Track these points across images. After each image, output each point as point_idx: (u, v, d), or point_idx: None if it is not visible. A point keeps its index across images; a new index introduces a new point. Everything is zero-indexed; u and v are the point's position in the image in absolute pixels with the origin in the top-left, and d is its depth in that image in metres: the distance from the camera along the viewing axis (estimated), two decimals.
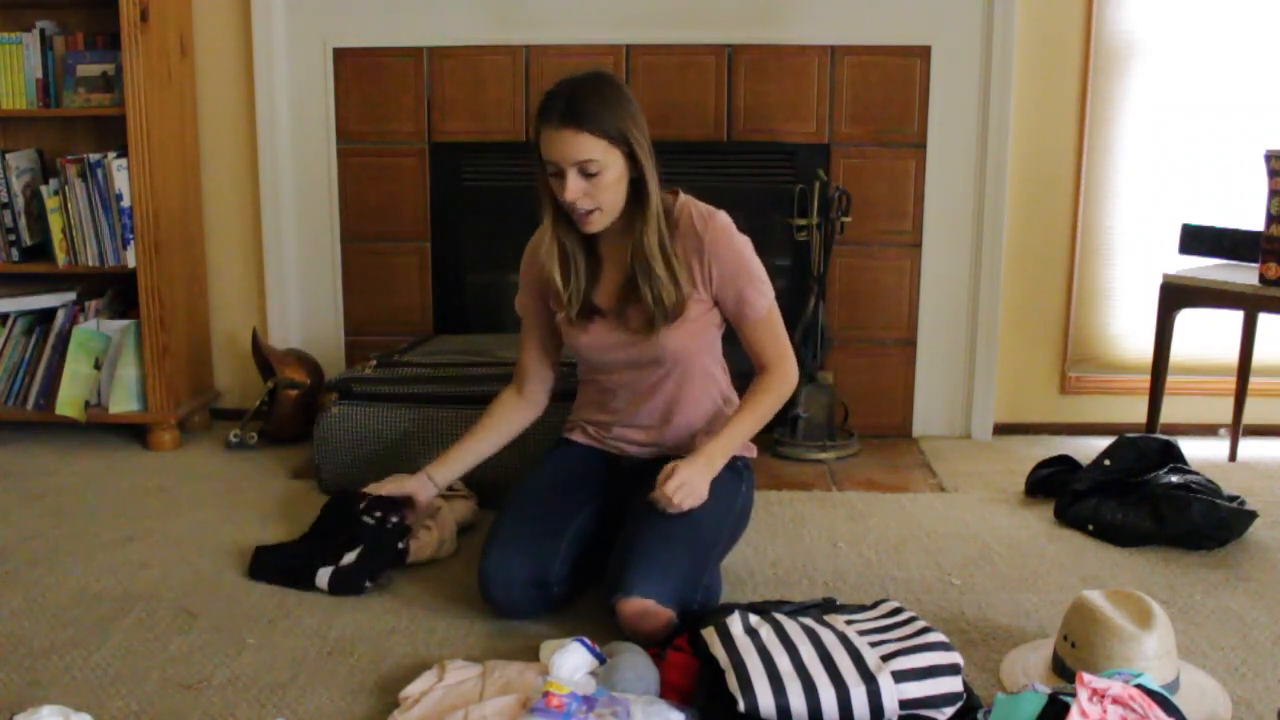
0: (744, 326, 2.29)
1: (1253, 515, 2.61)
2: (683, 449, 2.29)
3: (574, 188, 2.11)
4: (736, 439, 2.24)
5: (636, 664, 1.85)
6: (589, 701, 1.71)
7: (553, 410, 2.52)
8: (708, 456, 2.18)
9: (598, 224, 2.18)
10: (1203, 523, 2.54)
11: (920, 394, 3.51)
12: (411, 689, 1.86)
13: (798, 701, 1.69)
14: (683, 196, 2.29)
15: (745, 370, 2.36)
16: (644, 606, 2.02)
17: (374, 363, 3.05)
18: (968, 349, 3.47)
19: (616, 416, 2.37)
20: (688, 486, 2.12)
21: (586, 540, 2.27)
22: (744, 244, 2.29)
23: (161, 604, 2.28)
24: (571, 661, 1.84)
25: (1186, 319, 3.07)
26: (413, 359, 3.07)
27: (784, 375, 2.29)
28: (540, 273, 2.29)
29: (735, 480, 2.32)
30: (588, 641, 1.90)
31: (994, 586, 2.38)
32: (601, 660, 1.87)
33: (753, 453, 2.43)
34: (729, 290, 2.25)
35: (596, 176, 2.11)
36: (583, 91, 2.10)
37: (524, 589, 2.16)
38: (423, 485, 2.42)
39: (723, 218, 2.27)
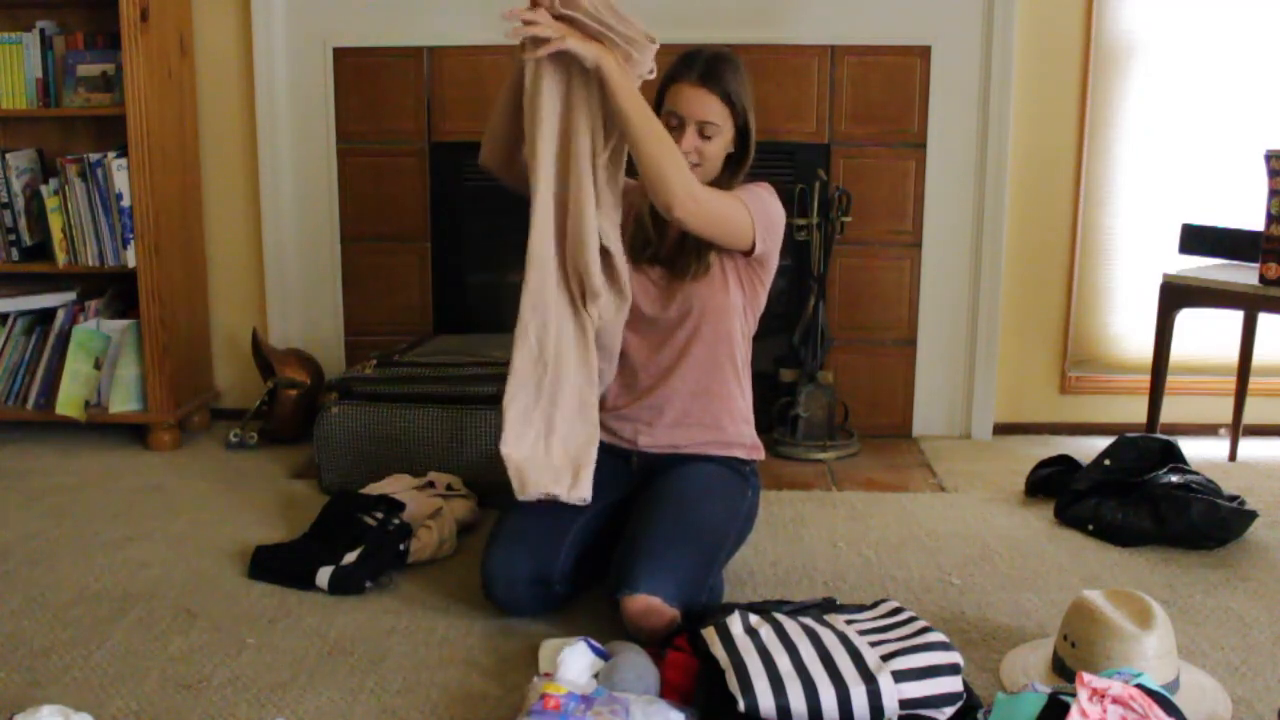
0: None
1: (1253, 515, 2.61)
2: (694, 441, 2.33)
3: (690, 141, 2.21)
4: (631, 94, 2.13)
5: (636, 664, 1.85)
6: (587, 700, 1.71)
7: None
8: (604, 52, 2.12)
9: (699, 178, 2.22)
10: (1203, 523, 2.54)
11: (920, 394, 3.51)
12: None
13: (798, 701, 1.69)
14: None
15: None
16: (649, 604, 2.02)
17: (374, 362, 3.05)
18: (968, 349, 3.47)
19: (632, 399, 2.35)
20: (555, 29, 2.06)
21: (590, 538, 2.27)
22: (763, 190, 2.34)
23: (161, 604, 2.28)
24: (579, 663, 1.84)
25: (1186, 319, 3.07)
26: (413, 359, 3.07)
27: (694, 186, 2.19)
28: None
29: (741, 483, 2.33)
30: (593, 642, 1.91)
31: (994, 586, 2.38)
32: (605, 658, 1.87)
33: (760, 455, 2.43)
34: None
35: (710, 140, 2.24)
36: (723, 59, 2.25)
37: (527, 587, 2.16)
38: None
39: (765, 185, 2.37)
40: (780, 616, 1.92)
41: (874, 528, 2.73)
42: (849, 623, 1.92)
